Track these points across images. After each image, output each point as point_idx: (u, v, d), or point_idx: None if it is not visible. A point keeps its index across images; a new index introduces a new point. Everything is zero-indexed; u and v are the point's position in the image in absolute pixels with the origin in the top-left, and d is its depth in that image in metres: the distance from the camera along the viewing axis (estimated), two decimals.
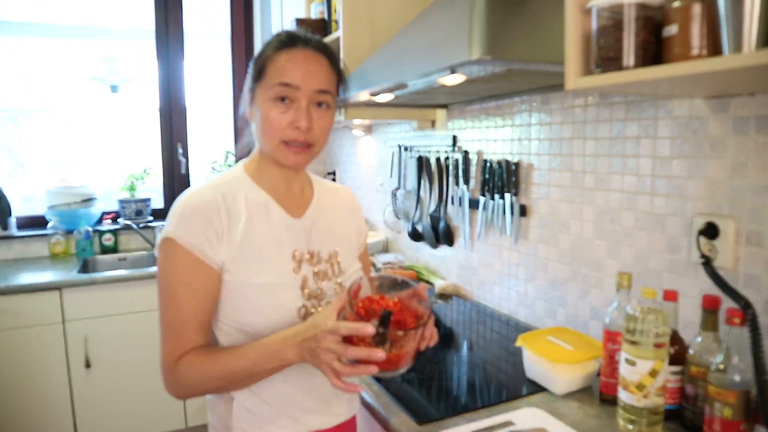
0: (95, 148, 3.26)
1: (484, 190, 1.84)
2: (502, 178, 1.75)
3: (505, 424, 1.08)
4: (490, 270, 1.92)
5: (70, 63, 3.10)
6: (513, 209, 1.72)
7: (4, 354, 2.29)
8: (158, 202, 3.24)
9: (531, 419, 1.10)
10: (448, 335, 1.68)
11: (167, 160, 3.22)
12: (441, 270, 2.23)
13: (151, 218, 3.10)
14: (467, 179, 1.95)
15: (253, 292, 0.95)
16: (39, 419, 2.36)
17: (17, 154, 3.10)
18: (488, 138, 1.87)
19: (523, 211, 1.71)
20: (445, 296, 2.05)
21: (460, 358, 1.49)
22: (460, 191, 1.98)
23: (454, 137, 2.04)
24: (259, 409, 0.97)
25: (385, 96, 1.64)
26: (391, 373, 0.84)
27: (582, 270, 1.51)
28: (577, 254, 1.52)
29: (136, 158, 3.13)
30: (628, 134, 1.33)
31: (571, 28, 0.95)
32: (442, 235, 2.13)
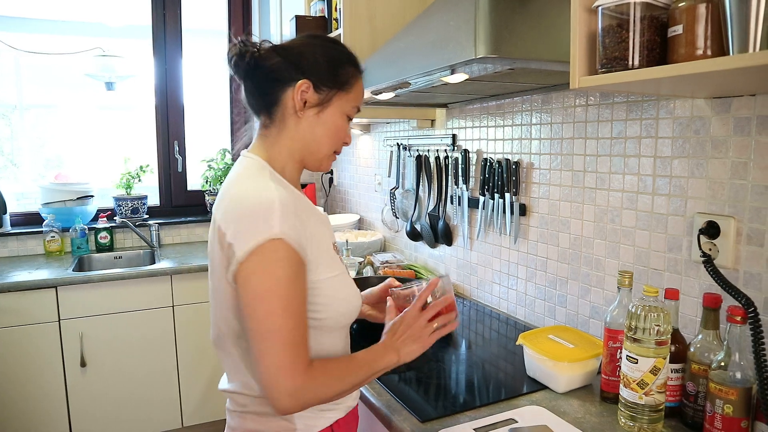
0: (90, 145, 3.24)
1: (483, 190, 1.85)
2: (502, 178, 1.75)
3: (507, 422, 1.08)
4: (489, 269, 1.92)
5: (65, 59, 3.08)
6: (513, 208, 1.73)
7: None
8: (154, 200, 3.22)
9: (533, 416, 1.10)
10: (447, 335, 1.68)
11: (163, 158, 3.20)
12: (439, 269, 2.24)
13: (147, 216, 3.09)
14: (467, 178, 1.95)
15: (334, 285, 0.96)
16: (34, 418, 2.34)
17: (8, 150, 3.07)
18: (488, 137, 1.87)
19: (523, 211, 1.72)
20: None
21: (459, 357, 1.49)
22: (459, 190, 1.99)
23: (454, 136, 2.05)
24: None
25: (387, 94, 1.64)
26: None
27: (582, 269, 1.52)
28: (578, 253, 1.53)
29: (132, 156, 3.11)
30: (630, 134, 1.34)
31: (576, 27, 0.95)
32: (440, 234, 2.13)
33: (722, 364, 0.95)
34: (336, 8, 2.10)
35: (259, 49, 0.97)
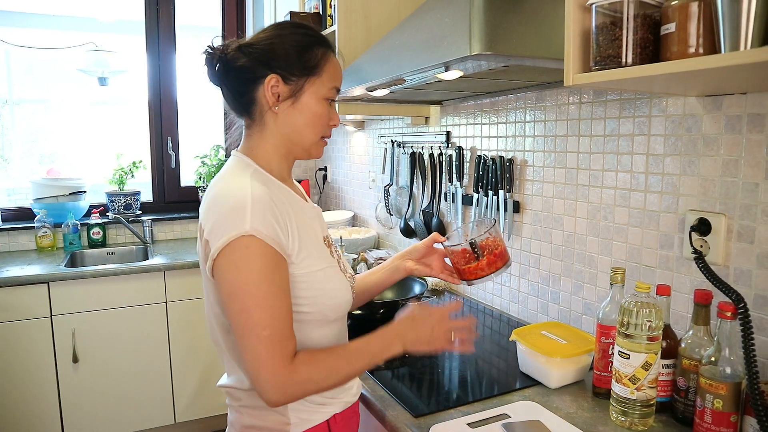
0: (83, 140, 3.22)
1: (477, 187, 1.85)
2: (496, 175, 1.76)
3: (500, 417, 1.09)
4: None
5: (57, 54, 3.06)
6: (506, 205, 1.73)
7: None
8: (147, 196, 3.21)
9: (526, 412, 1.11)
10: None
11: (157, 154, 3.19)
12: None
13: (140, 212, 3.07)
14: (461, 175, 1.96)
15: (319, 279, 0.96)
16: (26, 414, 2.33)
17: None
18: (482, 134, 1.88)
19: (517, 208, 1.73)
20: (438, 292, 2.06)
21: (452, 354, 1.50)
22: (453, 187, 1.99)
23: (448, 133, 2.05)
24: (312, 396, 0.98)
25: (381, 91, 1.64)
26: (504, 268, 1.18)
27: (575, 266, 1.53)
28: (571, 250, 1.54)
29: (125, 152, 3.09)
30: (623, 132, 1.35)
31: (570, 25, 0.95)
32: (434, 230, 2.14)
33: (712, 359, 0.96)
34: (330, 5, 2.09)
35: (226, 52, 0.97)
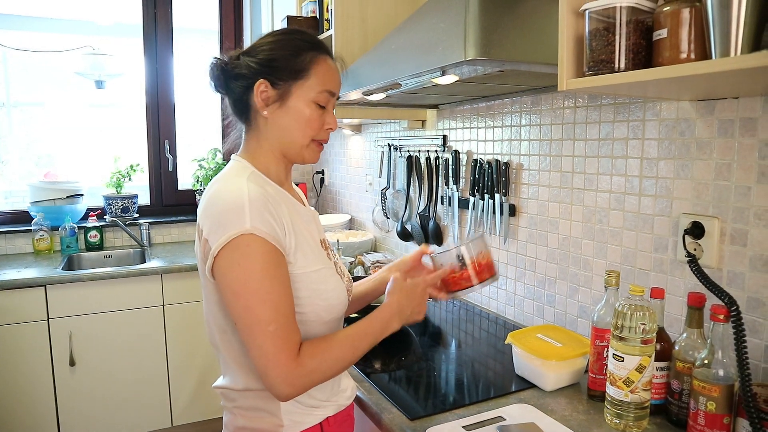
0: (80, 143, 3.22)
1: (473, 190, 1.86)
2: (492, 178, 1.77)
3: (495, 419, 1.10)
4: None
5: (54, 57, 3.06)
6: (502, 209, 1.74)
7: None
8: (145, 199, 3.21)
9: (521, 414, 1.12)
10: (436, 333, 1.70)
11: (154, 157, 3.19)
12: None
13: (137, 215, 3.07)
14: (457, 179, 1.96)
15: (314, 279, 0.97)
16: (22, 417, 2.32)
17: None
18: (478, 138, 1.89)
19: (513, 211, 1.73)
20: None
21: (448, 356, 1.50)
22: (449, 191, 2.00)
23: (444, 137, 2.06)
24: (301, 398, 0.99)
25: (378, 95, 1.65)
26: (490, 280, 1.13)
27: (570, 269, 1.53)
28: (566, 253, 1.55)
29: (123, 155, 3.09)
30: (617, 135, 1.36)
31: (564, 30, 0.96)
32: (431, 234, 2.14)
33: (705, 361, 0.97)
34: (327, 9, 2.10)
35: (228, 61, 1.00)
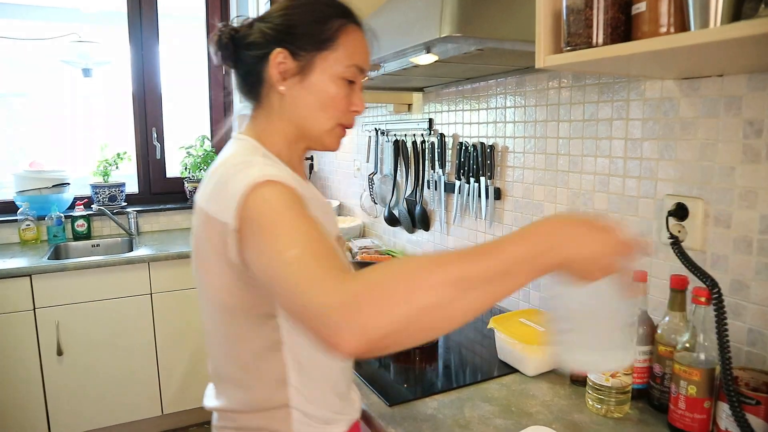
0: (67, 132, 3.17)
1: (459, 174, 1.83)
2: (478, 162, 1.74)
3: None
4: None
5: (39, 45, 3.01)
6: (488, 193, 1.72)
7: None
8: (132, 188, 3.18)
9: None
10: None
11: (141, 145, 3.15)
12: (418, 254, 2.23)
13: (125, 204, 3.04)
14: (443, 163, 1.94)
15: None
16: (10, 408, 2.31)
17: None
18: (464, 121, 1.85)
19: (498, 195, 1.71)
20: None
21: (433, 342, 1.48)
22: (436, 175, 1.97)
23: (430, 120, 2.03)
24: (314, 412, 0.89)
25: None
26: None
27: None
28: None
29: (110, 143, 3.05)
30: (601, 116, 1.33)
31: (541, 6, 0.93)
32: (418, 219, 2.12)
33: (687, 345, 0.95)
34: None
35: (239, 28, 0.88)
